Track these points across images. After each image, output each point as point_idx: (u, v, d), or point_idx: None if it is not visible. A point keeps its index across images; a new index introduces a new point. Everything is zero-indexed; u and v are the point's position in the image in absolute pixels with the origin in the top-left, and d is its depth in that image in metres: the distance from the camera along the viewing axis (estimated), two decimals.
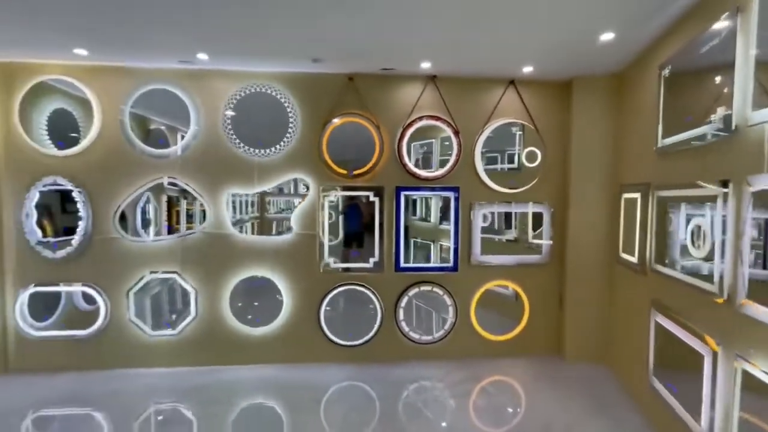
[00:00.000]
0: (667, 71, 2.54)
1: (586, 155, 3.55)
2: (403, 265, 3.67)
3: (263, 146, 3.48)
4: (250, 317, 3.61)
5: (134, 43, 2.88)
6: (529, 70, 3.39)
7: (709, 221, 2.05)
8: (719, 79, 2.00)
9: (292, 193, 3.62)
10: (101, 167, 3.39)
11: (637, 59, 3.08)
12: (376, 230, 3.62)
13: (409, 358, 3.71)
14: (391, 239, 3.65)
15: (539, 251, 3.78)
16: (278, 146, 3.49)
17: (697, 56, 2.23)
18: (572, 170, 3.59)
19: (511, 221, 3.82)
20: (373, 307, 3.63)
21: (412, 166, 3.61)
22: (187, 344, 3.54)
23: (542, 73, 3.48)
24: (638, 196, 2.96)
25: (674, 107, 2.49)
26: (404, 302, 3.67)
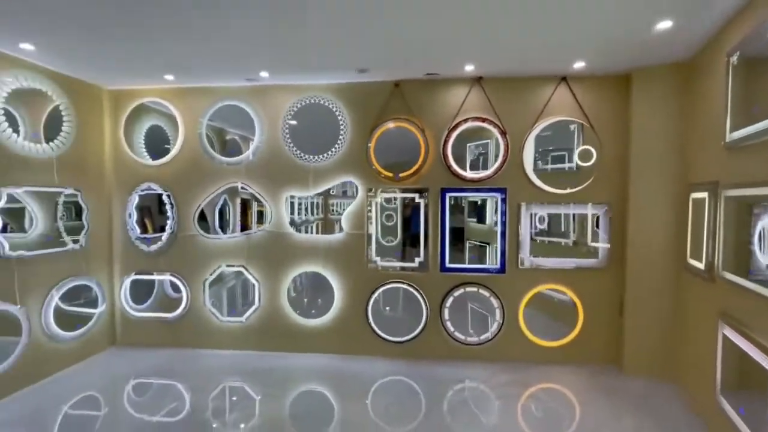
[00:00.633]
0: (735, 58, 2.30)
1: (648, 152, 3.30)
2: (448, 265, 3.73)
3: (317, 152, 3.78)
4: (313, 312, 3.94)
5: (210, 67, 3.35)
6: (581, 65, 3.25)
7: None
8: None
9: (342, 195, 3.88)
10: (184, 174, 3.96)
11: (705, 46, 2.80)
12: (421, 231, 3.73)
13: (454, 357, 3.76)
14: (436, 240, 3.73)
15: (595, 255, 3.58)
16: (330, 152, 3.77)
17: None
18: (632, 169, 3.36)
19: (566, 223, 3.67)
20: (418, 306, 3.75)
21: (457, 167, 3.65)
22: (251, 330, 3.98)
23: (596, 67, 3.30)
24: (706, 195, 2.69)
25: (743, 97, 2.24)
26: (449, 302, 3.73)
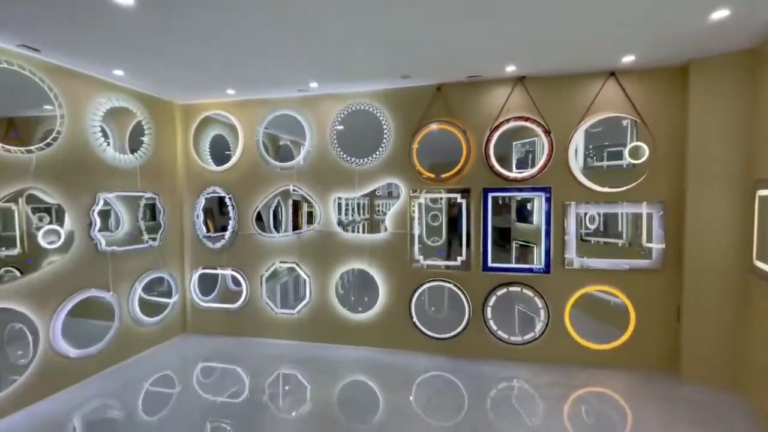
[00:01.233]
0: None
1: (708, 147, 3.10)
2: (491, 264, 3.76)
3: (362, 156, 3.99)
4: (359, 309, 4.17)
5: (266, 80, 3.67)
6: (630, 59, 3.14)
7: None
8: None
9: (387, 195, 4.05)
10: (244, 178, 4.35)
11: None
12: (463, 230, 3.79)
13: (497, 356, 3.78)
14: (478, 239, 3.78)
15: (648, 256, 3.43)
16: (374, 155, 3.96)
17: None
18: (690, 164, 3.18)
19: (618, 223, 3.54)
20: (461, 304, 3.82)
21: (499, 167, 3.67)
22: (302, 322, 4.29)
23: (648, 60, 3.17)
24: None
25: None
26: (492, 301, 3.75)
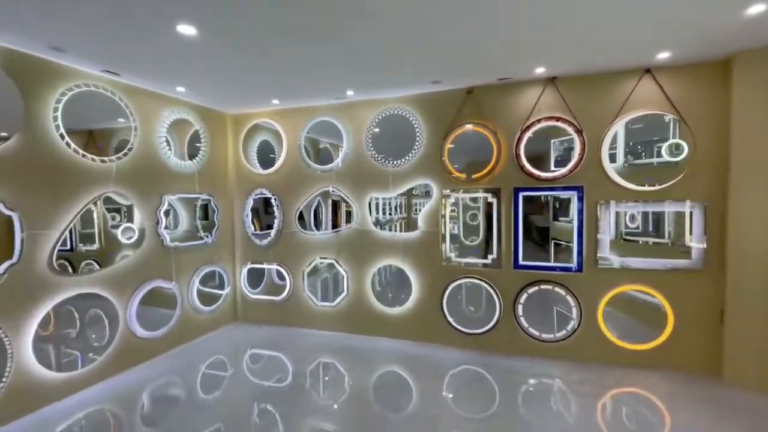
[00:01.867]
0: None
1: (753, 143, 3.00)
2: (522, 262, 3.83)
3: (396, 157, 4.20)
4: (395, 304, 4.40)
5: (307, 90, 3.98)
6: (665, 56, 3.10)
7: None
8: None
9: (424, 195, 4.23)
10: (287, 180, 4.71)
11: None
12: (494, 229, 3.89)
13: (529, 353, 3.85)
14: (509, 237, 3.86)
15: (688, 255, 3.35)
16: (407, 157, 4.15)
17: None
18: (734, 161, 3.09)
19: (659, 222, 3.48)
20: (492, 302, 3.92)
21: (530, 167, 3.74)
22: (341, 315, 4.57)
23: (685, 56, 3.12)
24: None
25: None
26: (523, 299, 3.82)
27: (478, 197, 3.97)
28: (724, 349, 3.21)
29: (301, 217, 4.73)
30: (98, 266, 3.43)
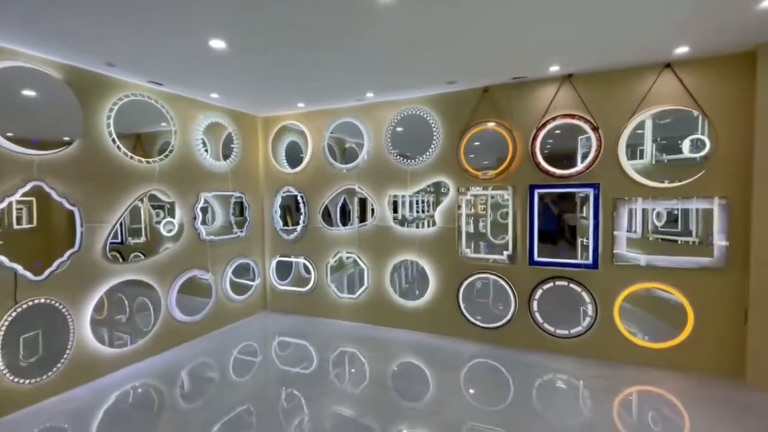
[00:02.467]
0: None
1: None
2: (537, 259, 3.87)
3: (414, 156, 4.35)
4: (415, 295, 4.56)
5: (330, 93, 4.22)
6: (683, 50, 3.05)
7: None
8: None
9: (436, 192, 4.36)
10: (313, 178, 4.98)
11: None
12: (509, 225, 3.96)
13: (543, 348, 3.89)
14: (525, 233, 3.91)
15: (709, 253, 3.28)
16: (425, 155, 4.29)
17: None
18: (758, 157, 3.00)
19: (683, 220, 3.42)
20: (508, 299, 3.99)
21: (545, 164, 3.77)
22: (361, 306, 4.80)
23: (706, 49, 3.05)
24: None
25: None
26: (539, 294, 3.87)
27: (506, 194, 4.00)
28: (747, 350, 3.12)
29: (327, 213, 4.98)
30: (143, 257, 3.84)
